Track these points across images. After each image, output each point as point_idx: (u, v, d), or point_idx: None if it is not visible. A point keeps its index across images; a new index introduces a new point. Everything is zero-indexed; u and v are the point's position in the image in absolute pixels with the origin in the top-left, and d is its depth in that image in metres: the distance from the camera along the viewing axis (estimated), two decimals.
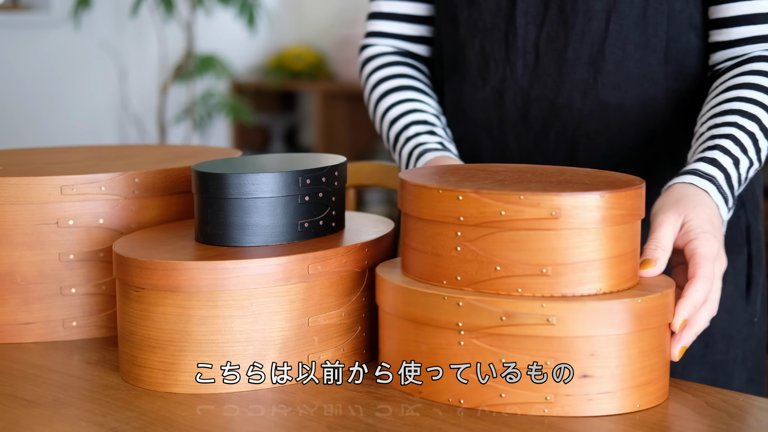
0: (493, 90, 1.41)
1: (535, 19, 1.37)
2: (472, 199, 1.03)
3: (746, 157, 1.22)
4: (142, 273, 1.10)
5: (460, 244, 1.05)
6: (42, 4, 4.11)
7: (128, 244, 1.17)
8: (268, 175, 1.15)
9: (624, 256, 1.06)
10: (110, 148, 1.54)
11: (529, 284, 1.03)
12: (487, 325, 1.02)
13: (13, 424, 1.02)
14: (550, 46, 1.36)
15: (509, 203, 1.02)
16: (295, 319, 1.11)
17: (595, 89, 1.35)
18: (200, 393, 1.09)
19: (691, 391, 1.08)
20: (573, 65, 1.36)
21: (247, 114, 4.28)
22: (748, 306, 1.43)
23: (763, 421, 1.03)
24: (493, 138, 1.42)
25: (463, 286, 1.05)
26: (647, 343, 1.04)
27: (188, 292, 1.09)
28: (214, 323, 1.09)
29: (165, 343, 1.10)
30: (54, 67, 4.11)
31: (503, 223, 1.03)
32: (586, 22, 1.34)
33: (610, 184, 1.07)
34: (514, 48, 1.38)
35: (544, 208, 1.02)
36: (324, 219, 1.20)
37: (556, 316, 1.01)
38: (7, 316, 1.26)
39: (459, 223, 1.04)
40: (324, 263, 1.12)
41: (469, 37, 1.42)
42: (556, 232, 1.02)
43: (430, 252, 1.08)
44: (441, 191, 1.05)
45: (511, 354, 1.02)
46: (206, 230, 1.17)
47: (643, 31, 1.33)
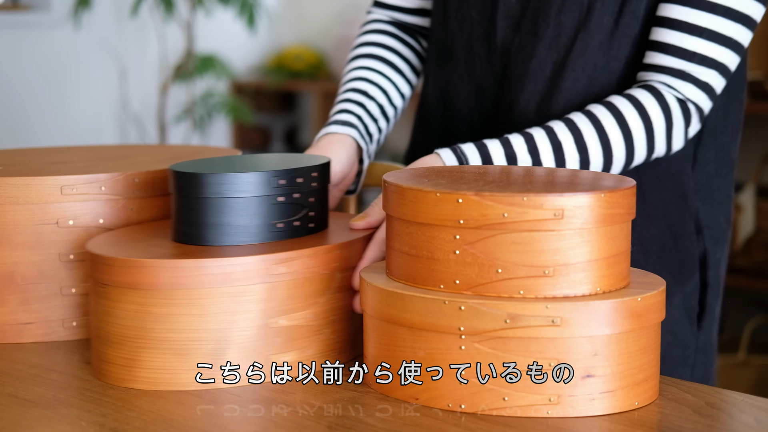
0: (476, 85, 1.42)
1: (513, 24, 1.38)
2: (473, 202, 1.03)
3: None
4: (105, 269, 1.12)
5: (459, 248, 1.05)
6: (42, 4, 4.11)
7: (103, 241, 1.18)
8: (240, 175, 1.15)
9: (619, 255, 1.06)
10: (110, 148, 1.54)
11: (532, 286, 1.03)
12: (491, 329, 1.02)
13: (13, 424, 1.02)
14: (519, 54, 1.37)
15: (512, 205, 1.02)
16: (255, 319, 1.11)
17: (549, 103, 1.35)
18: (158, 390, 1.10)
19: (691, 391, 1.08)
20: (535, 76, 1.36)
21: (247, 114, 4.28)
22: (700, 334, 1.41)
23: (763, 421, 1.03)
24: (475, 131, 1.44)
25: (462, 290, 1.05)
26: (645, 340, 1.05)
27: (146, 289, 1.09)
28: (172, 321, 1.10)
29: (125, 339, 1.11)
30: (54, 67, 4.11)
31: (505, 225, 1.03)
32: (555, 37, 1.34)
33: (604, 183, 1.07)
34: (494, 48, 1.39)
35: (548, 209, 1.02)
36: (300, 220, 1.19)
37: (560, 317, 1.01)
38: (7, 316, 1.26)
39: (458, 226, 1.04)
40: (287, 264, 1.12)
41: (457, 30, 1.43)
42: (558, 233, 1.02)
43: (424, 256, 1.07)
44: (439, 194, 1.05)
45: (514, 357, 1.02)
46: (180, 229, 1.17)
47: (606, 53, 1.33)
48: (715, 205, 1.41)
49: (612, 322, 1.02)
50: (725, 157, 1.41)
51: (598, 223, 1.03)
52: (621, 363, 1.03)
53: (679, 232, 1.38)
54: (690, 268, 1.39)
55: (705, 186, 1.40)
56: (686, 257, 1.39)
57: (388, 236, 1.12)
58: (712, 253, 1.41)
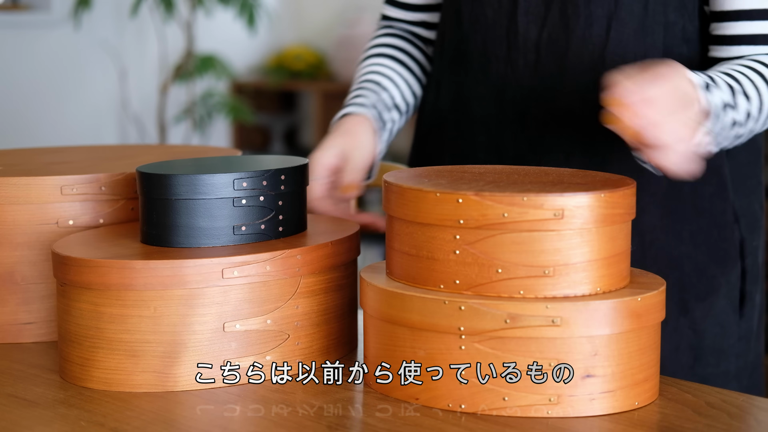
0: (493, 87, 1.41)
1: (536, 19, 1.37)
2: (473, 202, 1.03)
3: (732, 95, 1.22)
4: (62, 268, 1.12)
5: (459, 248, 1.05)
6: (42, 4, 4.11)
7: (71, 240, 1.18)
8: (201, 176, 1.14)
9: (619, 255, 1.06)
10: (110, 148, 1.54)
11: (532, 286, 1.03)
12: (491, 329, 1.02)
13: (13, 424, 1.02)
14: (551, 48, 1.36)
15: (512, 205, 1.02)
16: (209, 323, 1.10)
17: (595, 95, 1.35)
18: (112, 390, 1.10)
19: (691, 391, 1.08)
20: (574, 69, 1.35)
21: (247, 114, 4.28)
22: (742, 321, 1.42)
23: (763, 421, 1.03)
24: (491, 135, 1.42)
25: (462, 290, 1.05)
26: (644, 340, 1.05)
27: (99, 289, 1.10)
28: (124, 322, 1.10)
29: (81, 339, 1.12)
30: (54, 67, 4.11)
31: (505, 225, 1.02)
32: (587, 27, 1.34)
33: (604, 183, 1.07)
34: (516, 46, 1.38)
35: (548, 209, 1.02)
36: (267, 223, 1.18)
37: (560, 317, 1.01)
38: (7, 316, 1.26)
39: (458, 226, 1.04)
40: (240, 269, 1.11)
41: (471, 32, 1.42)
42: (558, 232, 1.02)
43: (424, 256, 1.07)
44: (439, 194, 1.04)
45: (513, 357, 1.02)
46: (146, 231, 1.17)
47: (642, 41, 1.33)
48: (748, 193, 1.42)
49: (612, 322, 1.02)
50: (753, 145, 1.42)
51: (598, 223, 1.03)
52: (621, 363, 1.03)
53: (722, 223, 1.39)
54: (733, 257, 1.41)
55: (738, 175, 1.41)
56: (729, 247, 1.40)
57: (388, 236, 1.12)
58: (749, 241, 1.42)
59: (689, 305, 1.38)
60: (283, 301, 1.13)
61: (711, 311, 1.39)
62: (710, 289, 1.38)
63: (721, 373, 1.41)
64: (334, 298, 1.18)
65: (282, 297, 1.13)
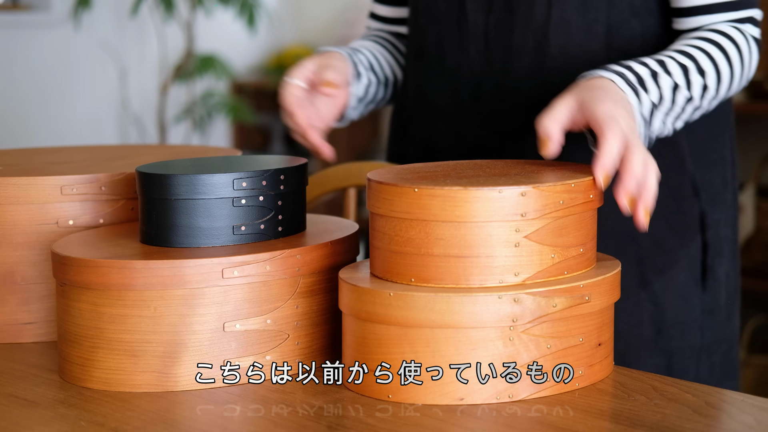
0: (449, 76, 1.45)
1: (483, 6, 1.41)
2: (534, 194, 1.05)
3: (667, 75, 1.25)
4: (62, 268, 1.13)
5: (519, 240, 1.05)
6: (42, 4, 4.11)
7: (71, 240, 1.18)
8: (200, 176, 1.14)
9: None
10: (110, 148, 1.54)
11: (572, 266, 1.08)
12: (541, 315, 1.04)
13: (13, 424, 1.02)
14: (498, 32, 1.40)
15: (567, 192, 1.06)
16: (208, 323, 1.10)
17: (541, 74, 1.38)
18: (111, 390, 1.10)
19: (691, 391, 1.08)
20: (520, 50, 1.39)
21: (247, 114, 4.28)
22: (705, 295, 1.43)
23: (763, 421, 1.03)
24: (449, 122, 1.46)
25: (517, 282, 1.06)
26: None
27: (99, 289, 1.10)
28: (124, 322, 1.10)
29: (81, 339, 1.12)
30: (54, 67, 4.11)
31: (561, 212, 1.06)
32: (530, 8, 1.37)
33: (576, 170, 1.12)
34: (466, 34, 1.42)
35: (587, 192, 1.08)
36: (266, 223, 1.18)
37: (589, 294, 1.06)
38: (7, 316, 1.26)
39: (519, 220, 1.05)
40: (240, 269, 1.11)
41: (426, 25, 1.47)
42: (593, 212, 1.10)
43: (409, 252, 1.06)
44: (417, 189, 1.04)
45: (557, 339, 1.05)
46: (144, 230, 1.17)
47: (585, 17, 1.36)
48: (710, 167, 1.44)
49: (616, 292, 1.10)
50: (713, 120, 1.44)
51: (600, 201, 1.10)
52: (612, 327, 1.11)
53: (679, 196, 1.41)
54: (692, 229, 1.42)
55: (697, 149, 1.43)
56: (688, 219, 1.42)
57: (371, 234, 1.12)
58: (710, 214, 1.44)
59: (648, 278, 1.39)
60: (283, 300, 1.13)
61: (671, 284, 1.40)
62: (669, 261, 1.40)
63: (686, 347, 1.42)
64: (334, 297, 1.18)
65: (282, 297, 1.13)
